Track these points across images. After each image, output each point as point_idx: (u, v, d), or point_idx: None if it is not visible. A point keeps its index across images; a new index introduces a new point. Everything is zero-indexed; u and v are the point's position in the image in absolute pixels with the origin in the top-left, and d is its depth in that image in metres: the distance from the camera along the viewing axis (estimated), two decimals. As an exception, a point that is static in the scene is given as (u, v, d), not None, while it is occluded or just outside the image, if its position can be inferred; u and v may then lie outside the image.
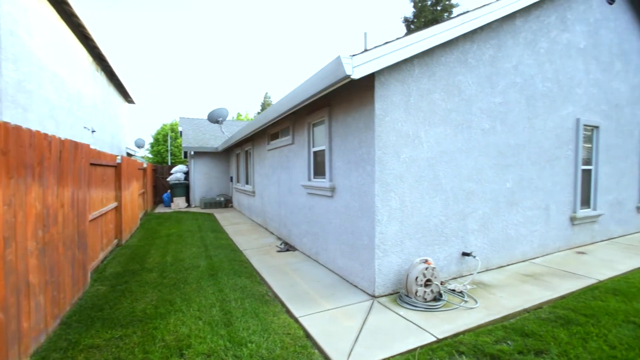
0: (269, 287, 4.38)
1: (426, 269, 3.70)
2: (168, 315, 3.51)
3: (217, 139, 15.41)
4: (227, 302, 3.85)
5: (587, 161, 6.26)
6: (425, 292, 3.70)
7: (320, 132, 5.20)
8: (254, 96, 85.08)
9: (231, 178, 14.31)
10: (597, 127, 6.26)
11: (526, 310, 3.61)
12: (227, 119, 17.36)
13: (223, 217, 11.14)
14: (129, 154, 17.05)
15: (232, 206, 14.04)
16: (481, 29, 4.61)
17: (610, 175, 6.60)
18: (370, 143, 3.79)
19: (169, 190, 14.58)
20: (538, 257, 5.47)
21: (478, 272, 4.66)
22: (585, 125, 6.00)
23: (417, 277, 3.68)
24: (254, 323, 3.33)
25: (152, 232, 8.30)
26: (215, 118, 13.05)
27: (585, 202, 6.25)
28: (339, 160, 4.56)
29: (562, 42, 5.69)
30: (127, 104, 16.36)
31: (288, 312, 3.65)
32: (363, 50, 3.54)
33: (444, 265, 4.36)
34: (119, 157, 6.73)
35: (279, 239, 7.27)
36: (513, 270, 4.89)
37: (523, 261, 5.27)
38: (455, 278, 4.48)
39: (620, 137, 6.79)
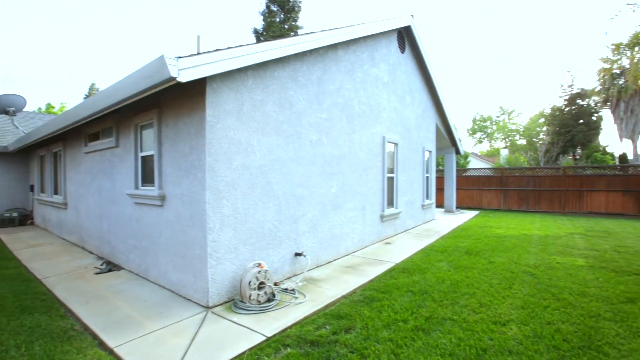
0: (78, 319, 3.60)
1: (259, 272, 3.85)
2: None
3: (8, 135, 11.69)
4: (3, 352, 2.93)
5: (391, 170, 7.97)
6: (259, 294, 3.83)
7: (150, 135, 4.69)
8: (78, 85, 69.02)
9: (32, 187, 11.10)
10: (396, 143, 8.07)
11: (344, 297, 4.23)
12: (26, 109, 13.44)
13: (16, 238, 8.48)
14: None
15: (33, 223, 10.88)
16: (310, 52, 5.22)
17: (406, 181, 8.61)
18: (201, 150, 3.68)
19: None
20: (358, 250, 6.54)
21: (309, 270, 5.18)
22: (388, 142, 7.63)
23: (250, 282, 3.77)
24: (46, 369, 2.66)
25: None
26: (2, 107, 9.84)
27: (390, 202, 7.93)
28: (169, 167, 4.22)
29: (372, 75, 7.08)
30: None
31: (101, 344, 3.09)
32: (194, 53, 3.42)
33: (278, 266, 4.64)
34: None
35: (101, 258, 6.09)
36: (338, 264, 5.67)
37: (346, 255, 6.19)
38: (289, 277, 4.83)
39: (411, 152, 8.98)
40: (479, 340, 3.05)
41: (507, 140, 44.16)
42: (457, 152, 13.46)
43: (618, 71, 23.28)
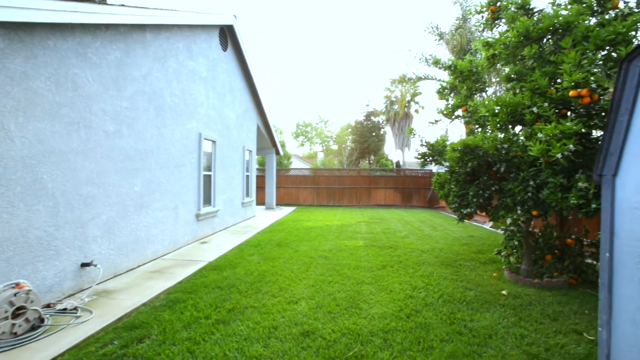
0: None
1: (16, 295, 2.99)
2: None
3: None
4: None
5: (208, 168, 7.82)
6: (14, 325, 2.97)
7: None
8: None
9: None
10: (215, 141, 7.99)
11: (144, 304, 3.85)
12: None
13: None
14: None
15: None
16: (106, 26, 4.46)
17: (224, 179, 8.65)
18: None
19: None
20: (170, 253, 6.08)
21: (103, 281, 4.44)
22: (205, 139, 7.46)
23: None
24: None
25: None
26: None
27: (207, 200, 7.77)
28: None
29: (189, 67, 6.74)
30: None
31: None
32: None
33: (54, 283, 3.74)
34: None
35: None
36: (143, 269, 5.11)
37: (155, 259, 5.65)
38: (72, 294, 3.99)
39: (231, 150, 9.10)
40: (272, 320, 3.42)
41: (323, 144, 51.36)
42: (278, 152, 14.61)
43: (394, 99, 31.16)
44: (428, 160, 6.56)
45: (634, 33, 3.52)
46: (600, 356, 1.93)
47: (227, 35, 8.81)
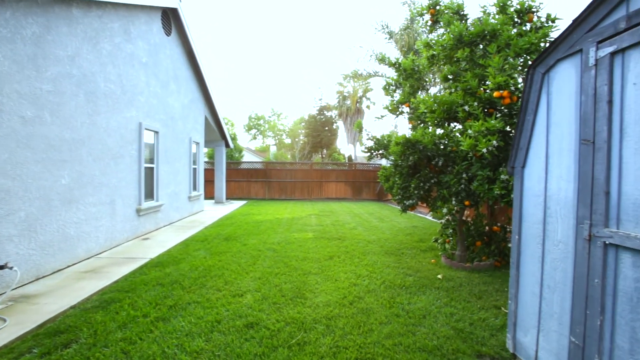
0: None
1: None
2: None
3: None
4: None
5: (151, 160, 7.35)
6: None
7: None
8: None
9: None
10: (157, 132, 7.52)
11: (72, 307, 3.55)
12: None
13: None
14: None
15: None
16: (20, -1, 3.95)
17: (169, 172, 8.19)
18: None
19: None
20: (106, 251, 5.64)
21: (25, 284, 4.00)
22: (147, 129, 6.98)
23: None
24: None
25: None
26: None
27: (150, 194, 7.32)
28: None
29: (127, 51, 6.23)
30: None
31: None
32: None
33: (-42, 288, 3.29)
34: None
35: None
36: (73, 270, 4.69)
37: (88, 258, 5.21)
38: (-17, 300, 3.54)
39: (176, 142, 8.63)
40: (216, 314, 3.36)
41: (276, 138, 50.80)
42: (228, 145, 14.17)
43: (347, 94, 31.74)
44: (374, 154, 6.81)
45: (543, 44, 3.98)
46: (509, 325, 2.19)
47: (170, 19, 8.28)
